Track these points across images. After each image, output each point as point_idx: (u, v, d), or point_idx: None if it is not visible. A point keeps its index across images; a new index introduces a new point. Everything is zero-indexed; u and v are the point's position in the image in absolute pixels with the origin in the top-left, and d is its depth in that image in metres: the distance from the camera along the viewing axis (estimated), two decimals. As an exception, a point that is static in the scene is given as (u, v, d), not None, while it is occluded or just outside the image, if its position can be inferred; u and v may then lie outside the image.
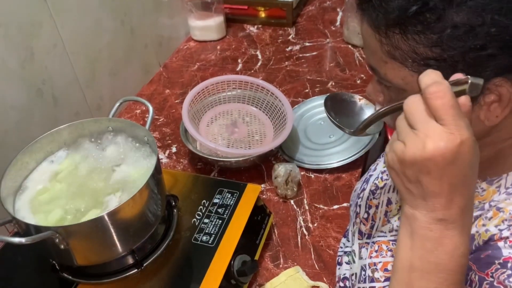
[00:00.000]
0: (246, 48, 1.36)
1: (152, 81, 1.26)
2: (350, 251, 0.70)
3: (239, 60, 1.31)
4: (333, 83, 1.18)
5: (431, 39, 0.43)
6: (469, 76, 0.39)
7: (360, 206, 0.70)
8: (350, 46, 1.32)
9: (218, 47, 1.38)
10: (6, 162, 0.83)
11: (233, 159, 0.92)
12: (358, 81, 1.18)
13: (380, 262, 0.60)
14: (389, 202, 0.65)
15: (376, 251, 0.62)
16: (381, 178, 0.69)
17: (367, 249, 0.64)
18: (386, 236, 0.62)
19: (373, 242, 0.63)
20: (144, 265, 0.68)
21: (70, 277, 0.68)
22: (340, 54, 1.29)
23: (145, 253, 0.70)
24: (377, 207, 0.66)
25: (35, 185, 0.70)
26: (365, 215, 0.68)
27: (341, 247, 0.75)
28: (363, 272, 0.62)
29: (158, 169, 0.68)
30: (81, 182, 0.70)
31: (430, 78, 0.39)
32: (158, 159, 0.68)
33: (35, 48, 0.87)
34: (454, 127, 0.37)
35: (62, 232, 0.59)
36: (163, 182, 0.72)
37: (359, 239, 0.67)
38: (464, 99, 0.39)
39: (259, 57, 1.32)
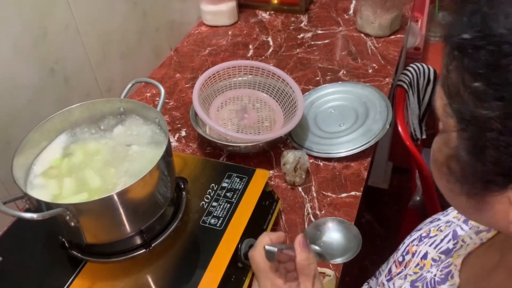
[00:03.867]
0: (257, 34, 1.35)
1: (163, 65, 1.26)
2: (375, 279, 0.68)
3: (250, 46, 1.30)
4: (345, 72, 1.17)
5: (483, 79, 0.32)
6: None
7: (403, 244, 0.62)
8: (362, 35, 1.30)
9: (230, 33, 1.37)
10: (18, 140, 0.83)
11: (242, 144, 0.92)
12: (370, 71, 1.17)
13: None
14: (425, 256, 0.57)
15: None
16: (439, 228, 0.59)
17: None
18: None
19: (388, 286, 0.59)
20: (153, 245, 0.69)
21: (79, 254, 0.69)
22: (353, 43, 1.28)
23: (154, 234, 0.70)
24: (413, 255, 0.58)
25: (46, 163, 0.71)
26: (400, 258, 0.61)
27: (379, 272, 0.69)
28: None
29: (168, 151, 0.68)
30: (92, 162, 0.71)
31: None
32: (169, 141, 0.68)
33: (48, 28, 0.87)
34: None
35: (73, 210, 0.59)
36: (173, 164, 0.72)
37: (385, 276, 0.62)
38: None
39: (271, 43, 1.31)
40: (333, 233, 0.62)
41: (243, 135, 0.91)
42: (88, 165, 0.71)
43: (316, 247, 0.55)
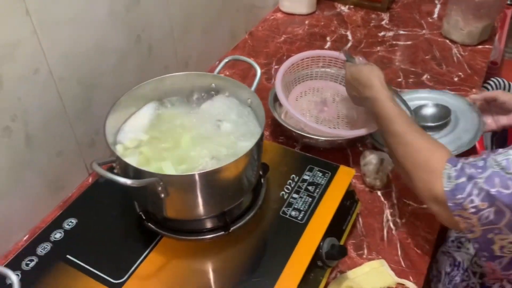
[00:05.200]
0: (336, 27, 1.31)
1: (237, 47, 1.23)
2: None
3: (328, 38, 1.26)
4: (428, 77, 1.11)
5: None
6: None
7: None
8: (447, 41, 1.23)
9: (306, 22, 1.33)
10: (98, 103, 0.83)
11: (320, 137, 0.88)
12: (456, 79, 1.10)
13: None
14: None
15: None
16: None
17: None
18: None
19: None
20: (231, 229, 0.66)
21: (156, 228, 0.67)
22: (437, 48, 1.21)
23: (232, 218, 0.68)
24: None
25: (133, 130, 0.69)
26: None
27: None
28: None
29: (262, 135, 0.65)
30: (179, 134, 0.68)
31: None
32: (265, 124, 0.65)
33: (142, -7, 0.85)
34: None
35: (166, 181, 0.57)
36: (262, 149, 0.69)
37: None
38: None
39: (349, 37, 1.26)
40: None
41: (327, 129, 0.86)
42: (175, 137, 0.68)
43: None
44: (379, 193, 0.83)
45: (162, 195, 0.58)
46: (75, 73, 0.77)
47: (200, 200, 0.61)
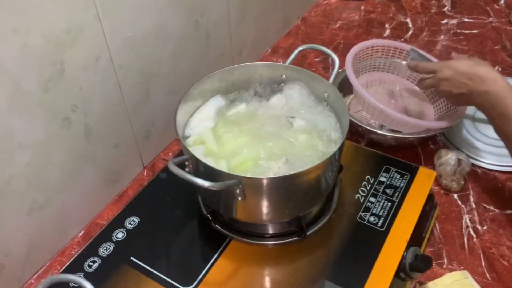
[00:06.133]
0: (394, 13, 1.22)
1: (290, 34, 1.17)
2: None
3: (387, 25, 1.18)
4: (500, 69, 1.02)
5: None
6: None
7: None
8: (518, 29, 1.14)
9: (362, 8, 1.25)
10: (155, 92, 0.78)
11: (388, 134, 0.81)
12: (530, 71, 1.01)
13: None
14: None
15: None
16: None
17: None
18: None
19: None
20: (307, 234, 0.61)
21: (225, 231, 0.62)
22: (507, 37, 1.12)
23: (306, 222, 0.62)
24: None
25: (200, 125, 0.64)
26: None
27: None
28: None
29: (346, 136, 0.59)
30: (249, 131, 0.63)
31: None
32: (348, 122, 0.59)
33: (202, -24, 0.80)
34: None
35: (246, 184, 0.52)
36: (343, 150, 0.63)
37: None
38: None
39: (410, 25, 1.17)
40: None
41: (409, 118, 0.77)
42: (243, 133, 0.63)
43: None
44: (455, 196, 0.77)
45: (240, 198, 0.53)
46: (134, 62, 0.72)
47: (278, 204, 0.56)
